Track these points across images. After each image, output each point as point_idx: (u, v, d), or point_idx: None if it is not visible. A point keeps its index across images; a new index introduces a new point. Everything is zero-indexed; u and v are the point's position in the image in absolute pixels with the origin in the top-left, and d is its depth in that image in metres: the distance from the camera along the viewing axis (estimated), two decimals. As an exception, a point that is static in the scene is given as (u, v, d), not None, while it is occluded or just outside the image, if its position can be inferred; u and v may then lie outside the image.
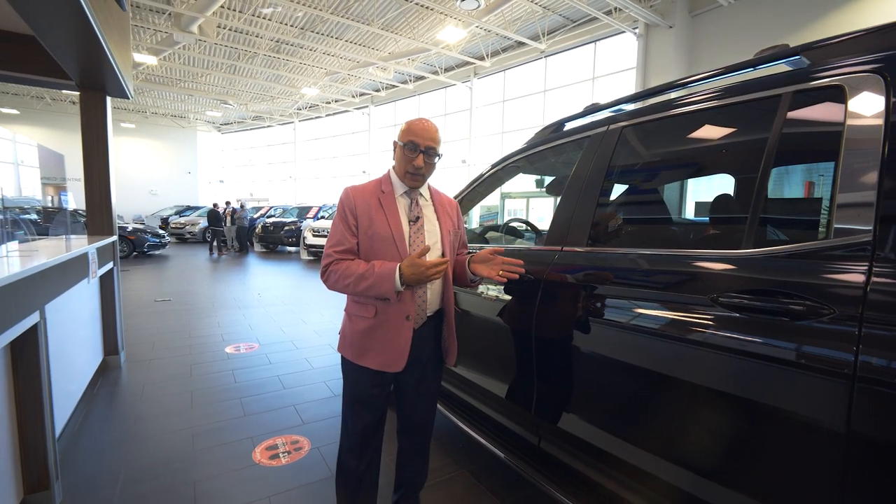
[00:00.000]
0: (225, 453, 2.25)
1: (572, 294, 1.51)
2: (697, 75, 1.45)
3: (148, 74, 15.47)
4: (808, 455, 0.93)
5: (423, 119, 1.42)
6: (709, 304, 1.09)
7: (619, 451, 1.32)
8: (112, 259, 3.38)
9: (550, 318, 1.57)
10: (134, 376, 3.27)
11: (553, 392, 1.58)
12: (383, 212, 1.41)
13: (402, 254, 1.38)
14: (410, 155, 1.38)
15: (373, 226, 1.39)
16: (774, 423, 0.98)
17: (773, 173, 1.13)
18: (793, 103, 1.10)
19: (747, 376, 1.01)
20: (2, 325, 1.42)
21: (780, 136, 1.10)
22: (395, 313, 1.39)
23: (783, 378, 0.95)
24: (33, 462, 1.75)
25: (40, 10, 2.10)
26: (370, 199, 1.42)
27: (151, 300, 6.01)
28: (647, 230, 1.65)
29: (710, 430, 1.12)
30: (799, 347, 0.94)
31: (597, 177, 1.54)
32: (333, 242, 1.42)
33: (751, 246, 1.10)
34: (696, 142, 1.43)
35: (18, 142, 3.66)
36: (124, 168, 21.35)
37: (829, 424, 0.88)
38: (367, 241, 1.40)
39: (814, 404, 0.91)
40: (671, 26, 9.14)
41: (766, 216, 1.16)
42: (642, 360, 1.25)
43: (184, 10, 9.54)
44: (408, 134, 1.39)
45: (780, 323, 0.97)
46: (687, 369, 1.14)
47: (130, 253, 10.85)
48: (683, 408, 1.17)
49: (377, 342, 1.41)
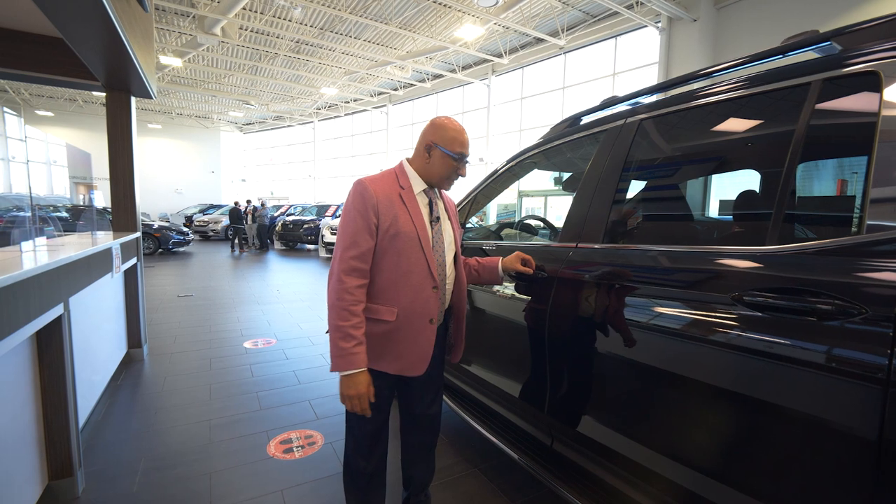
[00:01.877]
0: (240, 446, 2.28)
1: (587, 292, 1.47)
2: (720, 65, 1.39)
3: (173, 76, 15.89)
4: (838, 463, 0.88)
5: (461, 126, 1.39)
6: (730, 303, 1.04)
7: (635, 455, 1.27)
8: (136, 255, 3.47)
9: (564, 316, 1.53)
10: (156, 369, 3.36)
11: (567, 392, 1.54)
12: (406, 209, 1.33)
13: (428, 255, 1.33)
14: (457, 164, 1.37)
15: (396, 224, 1.30)
16: (801, 429, 0.93)
17: (801, 167, 1.07)
18: (823, 92, 1.04)
19: (771, 379, 0.96)
20: (27, 316, 1.47)
21: (808, 127, 1.04)
22: (419, 316, 1.34)
23: (810, 382, 0.90)
24: (57, 449, 1.81)
25: (66, 12, 2.17)
26: (391, 194, 1.33)
27: (175, 295, 6.17)
28: (665, 226, 1.60)
29: (730, 434, 1.07)
30: (828, 349, 0.88)
31: (613, 171, 1.50)
32: (348, 244, 1.28)
33: (776, 242, 1.05)
34: (718, 134, 1.37)
35: (50, 142, 3.81)
36: (151, 168, 22.02)
37: (861, 432, 0.83)
38: (388, 242, 1.29)
39: (844, 410, 0.86)
40: (695, 19, 8.89)
41: (793, 212, 1.10)
42: (658, 361, 1.21)
43: (207, 12, 9.75)
44: (456, 144, 1.35)
45: (807, 323, 0.92)
46: (705, 370, 1.09)
47: (156, 250, 11.16)
48: (701, 411, 1.12)
49: (396, 346, 1.34)
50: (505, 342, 1.92)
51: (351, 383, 1.25)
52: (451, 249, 1.45)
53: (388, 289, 1.32)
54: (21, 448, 1.63)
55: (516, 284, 1.77)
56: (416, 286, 1.32)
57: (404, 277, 1.31)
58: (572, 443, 1.51)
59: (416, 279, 1.32)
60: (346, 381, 1.25)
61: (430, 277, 1.34)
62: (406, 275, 1.31)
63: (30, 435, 1.70)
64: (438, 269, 1.37)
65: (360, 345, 1.25)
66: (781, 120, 1.16)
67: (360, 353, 1.25)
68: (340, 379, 1.26)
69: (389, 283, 1.31)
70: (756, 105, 1.23)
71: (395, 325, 1.32)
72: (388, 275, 1.31)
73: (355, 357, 1.24)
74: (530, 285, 1.69)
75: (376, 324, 1.33)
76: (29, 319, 1.48)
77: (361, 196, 1.29)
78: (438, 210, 1.43)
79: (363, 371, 1.26)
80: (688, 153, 1.51)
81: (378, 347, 1.34)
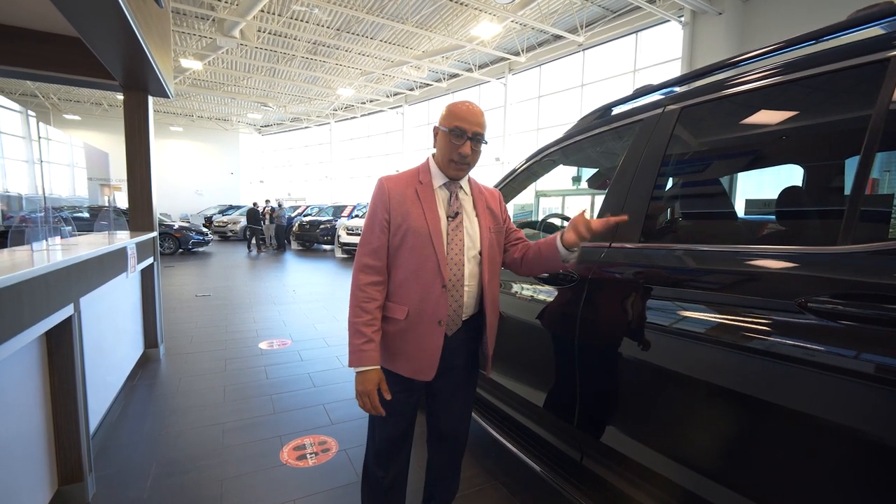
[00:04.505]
0: (253, 451, 2.22)
1: (623, 295, 1.35)
2: (771, 46, 1.26)
3: (194, 79, 16.17)
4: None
5: (467, 102, 1.27)
6: (795, 311, 0.92)
7: (675, 476, 1.15)
8: (152, 254, 3.46)
9: (597, 321, 1.41)
10: (172, 369, 3.34)
11: (600, 405, 1.42)
12: (420, 204, 1.27)
13: (439, 253, 1.24)
14: (456, 142, 1.24)
15: (407, 219, 1.25)
16: (879, 455, 0.80)
17: (878, 156, 0.94)
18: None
19: (841, 396, 0.83)
20: (33, 317, 1.42)
21: (887, 112, 0.91)
22: (427, 317, 1.27)
23: (890, 401, 0.77)
24: (67, 454, 1.77)
25: (81, 10, 2.14)
26: (406, 189, 1.28)
27: (193, 295, 6.21)
28: (711, 225, 1.46)
29: (791, 459, 0.94)
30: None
31: (651, 165, 1.37)
32: (363, 241, 1.30)
33: (849, 242, 0.91)
34: (773, 122, 1.24)
35: (72, 144, 3.85)
36: (172, 169, 22.47)
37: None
38: (400, 238, 1.25)
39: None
40: (720, 12, 8.59)
41: (869, 208, 0.96)
42: (700, 372, 1.08)
43: (226, 14, 9.86)
44: (453, 118, 1.25)
45: (890, 335, 0.79)
46: (758, 384, 0.96)
47: (176, 250, 11.34)
48: (750, 428, 0.99)
49: (407, 347, 1.29)
50: (529, 348, 1.80)
51: (361, 380, 1.24)
52: (473, 247, 1.32)
53: (401, 286, 1.28)
54: (29, 452, 1.59)
55: (543, 286, 1.66)
56: (425, 285, 1.25)
57: (414, 275, 1.26)
58: (604, 459, 1.39)
59: (426, 277, 1.25)
60: (357, 378, 1.25)
61: (438, 276, 1.25)
62: (416, 272, 1.25)
63: (39, 439, 1.66)
64: (452, 267, 1.27)
65: (369, 342, 1.23)
66: (851, 105, 1.02)
67: (369, 350, 1.23)
68: (355, 375, 1.26)
69: (402, 280, 1.27)
70: (817, 88, 1.09)
71: (406, 324, 1.28)
72: (402, 272, 1.27)
73: (364, 354, 1.23)
74: (558, 287, 1.57)
75: (390, 322, 1.30)
76: (35, 320, 1.43)
77: (376, 194, 1.30)
78: (460, 205, 1.33)
79: (374, 369, 1.24)
80: (737, 143, 1.37)
81: (393, 347, 1.31)
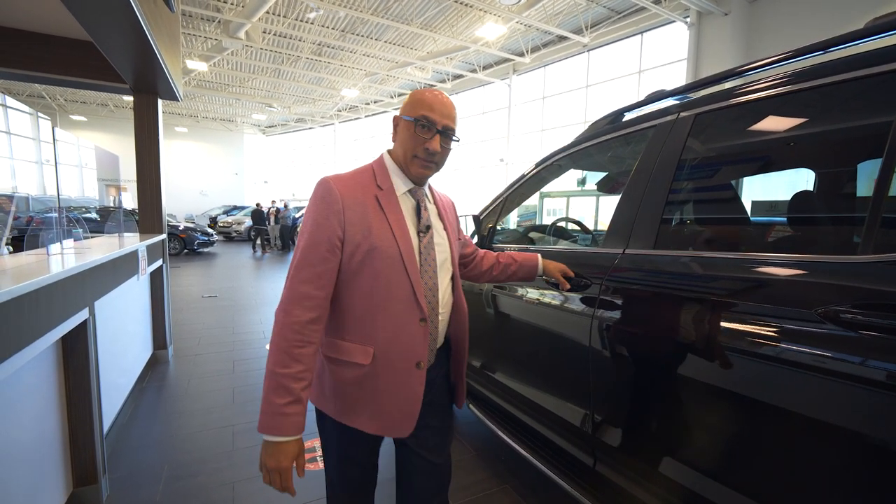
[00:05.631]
0: (264, 454, 2.23)
1: (636, 301, 1.35)
2: (787, 52, 1.25)
3: (200, 80, 16.25)
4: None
5: (436, 90, 1.07)
6: (816, 320, 0.91)
7: (693, 485, 1.15)
8: (161, 256, 3.49)
9: (611, 327, 1.41)
10: (181, 371, 3.36)
11: (612, 409, 1.42)
12: (384, 216, 1.01)
13: (413, 278, 1.00)
14: (423, 135, 1.02)
15: (371, 236, 0.98)
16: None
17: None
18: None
19: (864, 409, 0.83)
20: (50, 322, 1.44)
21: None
22: (401, 359, 1.01)
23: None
24: (82, 456, 1.78)
25: (94, 13, 2.16)
26: (364, 196, 1.01)
27: (199, 296, 6.25)
28: (725, 232, 1.46)
29: (809, 465, 0.93)
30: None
31: (665, 171, 1.37)
32: (300, 262, 0.97)
33: (870, 251, 0.91)
34: (791, 129, 1.23)
35: (81, 145, 3.87)
36: (178, 170, 22.58)
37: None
38: (361, 260, 0.98)
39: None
40: (727, 13, 8.55)
41: (891, 215, 0.96)
42: (714, 378, 1.08)
43: (232, 16, 9.90)
44: (419, 107, 1.02)
45: None
46: (773, 393, 0.96)
47: (181, 250, 11.40)
48: (765, 435, 0.99)
49: (374, 398, 1.01)
50: (540, 351, 1.80)
51: (273, 451, 0.92)
52: (447, 269, 1.12)
53: (361, 322, 1.00)
54: (46, 455, 1.61)
55: (553, 290, 1.66)
56: (396, 319, 0.99)
57: (380, 307, 0.99)
58: (619, 466, 1.39)
59: (396, 309, 0.99)
60: (268, 449, 0.92)
61: (415, 307, 1.00)
62: (383, 304, 0.99)
63: (55, 441, 1.68)
64: (428, 294, 1.03)
65: (295, 404, 0.92)
66: (875, 111, 1.02)
67: (293, 414, 0.92)
68: (262, 442, 0.93)
69: (363, 314, 1.00)
70: (839, 95, 1.09)
71: (372, 370, 1.00)
72: (362, 303, 0.99)
73: (286, 420, 0.91)
74: (571, 291, 1.57)
75: (347, 367, 1.01)
76: (53, 325, 1.45)
77: (324, 198, 0.99)
78: (429, 216, 1.09)
79: (295, 439, 0.94)
80: (754, 150, 1.37)
81: (351, 399, 1.03)
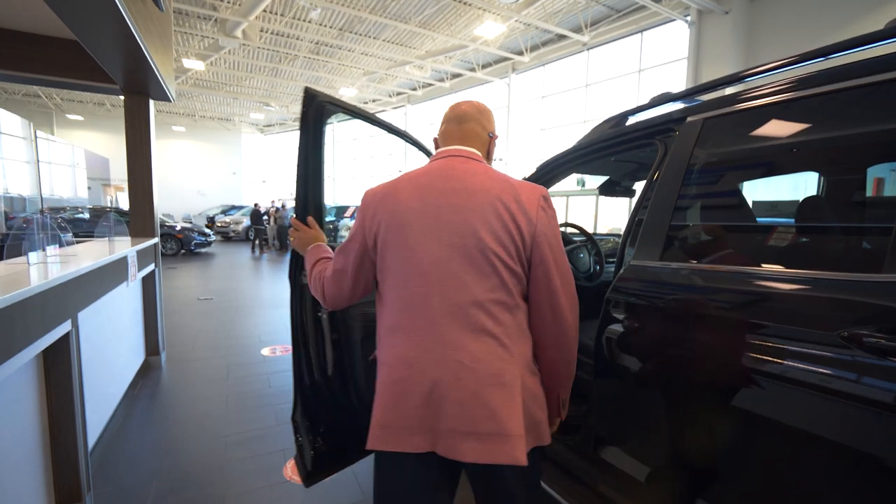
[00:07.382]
0: (256, 466, 2.16)
1: (640, 314, 1.28)
2: (795, 56, 1.19)
3: (197, 79, 16.13)
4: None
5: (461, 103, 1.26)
6: (838, 344, 0.85)
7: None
8: (153, 261, 3.42)
9: (614, 339, 1.35)
10: (173, 377, 3.29)
11: (610, 421, 1.36)
12: None
13: None
14: None
15: None
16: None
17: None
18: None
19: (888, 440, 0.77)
20: (28, 337, 1.37)
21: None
22: None
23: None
24: (65, 474, 1.72)
25: (79, 13, 2.09)
26: None
27: (195, 298, 6.17)
28: (742, 242, 1.39)
29: (834, 490, 0.87)
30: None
31: (673, 179, 1.31)
32: None
33: (894, 270, 0.85)
34: (806, 136, 1.17)
35: (73, 146, 3.82)
36: (175, 169, 22.44)
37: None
38: None
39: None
40: (727, 12, 8.48)
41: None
42: (724, 394, 1.02)
43: (228, 15, 9.81)
44: None
45: None
46: (784, 414, 0.90)
47: (179, 251, 11.32)
48: (774, 450, 0.93)
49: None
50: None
51: None
52: None
53: None
54: (26, 473, 1.54)
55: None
56: None
57: None
58: (615, 481, 1.33)
59: None
60: None
61: None
62: None
63: (36, 459, 1.61)
64: None
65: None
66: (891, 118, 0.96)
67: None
68: None
69: None
70: (860, 101, 1.02)
71: None
72: None
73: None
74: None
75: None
76: (31, 340, 1.38)
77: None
78: None
79: None
80: (769, 155, 1.31)
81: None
